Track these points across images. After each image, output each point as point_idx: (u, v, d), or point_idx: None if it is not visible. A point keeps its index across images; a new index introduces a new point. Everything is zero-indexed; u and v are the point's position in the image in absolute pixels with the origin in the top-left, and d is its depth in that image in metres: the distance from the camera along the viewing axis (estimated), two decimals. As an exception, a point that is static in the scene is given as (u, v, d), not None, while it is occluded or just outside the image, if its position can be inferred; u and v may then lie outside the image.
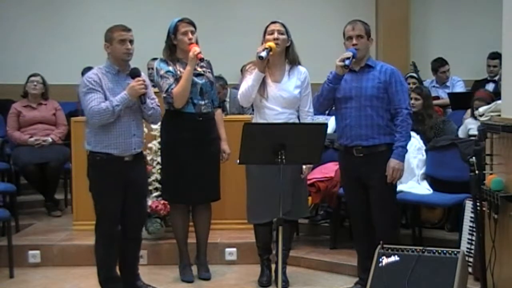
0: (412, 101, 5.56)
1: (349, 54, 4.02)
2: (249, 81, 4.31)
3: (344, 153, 4.23)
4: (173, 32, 4.49)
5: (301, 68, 4.44)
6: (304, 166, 4.35)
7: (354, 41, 4.10)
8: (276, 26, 4.33)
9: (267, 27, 4.36)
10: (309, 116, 4.44)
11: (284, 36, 4.33)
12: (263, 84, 4.32)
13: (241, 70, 6.66)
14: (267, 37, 4.32)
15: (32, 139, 6.16)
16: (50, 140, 6.21)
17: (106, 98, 4.02)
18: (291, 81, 4.39)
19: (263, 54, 4.18)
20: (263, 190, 4.28)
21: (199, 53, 4.36)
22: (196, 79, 4.48)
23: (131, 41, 4.10)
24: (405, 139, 4.08)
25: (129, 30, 4.11)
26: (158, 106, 4.27)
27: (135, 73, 4.13)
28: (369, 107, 4.07)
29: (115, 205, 4.09)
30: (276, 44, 4.26)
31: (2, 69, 8.21)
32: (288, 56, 4.41)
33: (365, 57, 4.16)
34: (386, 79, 4.10)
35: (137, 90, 4.05)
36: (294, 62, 4.42)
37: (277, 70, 4.39)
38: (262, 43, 4.33)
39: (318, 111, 4.44)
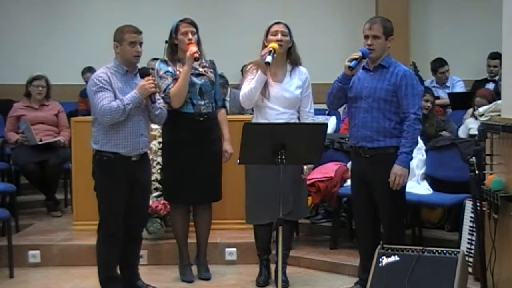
0: None
1: (358, 54, 3.95)
2: (251, 83, 4.29)
3: (353, 153, 4.22)
4: (174, 32, 4.49)
5: (302, 69, 4.44)
6: (305, 167, 4.34)
7: (369, 41, 4.00)
8: (279, 27, 4.31)
9: (270, 27, 4.33)
10: (309, 117, 4.43)
11: (287, 38, 4.32)
12: (264, 84, 4.31)
13: (242, 70, 6.63)
14: (270, 37, 4.29)
15: (19, 135, 6.12)
16: (62, 140, 6.20)
17: (116, 97, 4.00)
18: (293, 81, 4.38)
19: (269, 59, 4.15)
20: (262, 191, 4.27)
21: (195, 52, 4.35)
22: (195, 79, 4.48)
23: (140, 44, 4.10)
24: (410, 145, 3.96)
25: (140, 32, 4.10)
26: (165, 106, 4.26)
27: (145, 73, 4.12)
28: (376, 109, 4.00)
29: (120, 205, 4.07)
30: (280, 45, 4.25)
31: (2, 69, 8.21)
32: (290, 56, 4.40)
33: (381, 57, 4.06)
34: (396, 81, 3.99)
35: (148, 89, 4.04)
36: (295, 62, 4.42)
37: (279, 71, 4.38)
38: (264, 43, 4.32)
39: (329, 108, 4.42)
